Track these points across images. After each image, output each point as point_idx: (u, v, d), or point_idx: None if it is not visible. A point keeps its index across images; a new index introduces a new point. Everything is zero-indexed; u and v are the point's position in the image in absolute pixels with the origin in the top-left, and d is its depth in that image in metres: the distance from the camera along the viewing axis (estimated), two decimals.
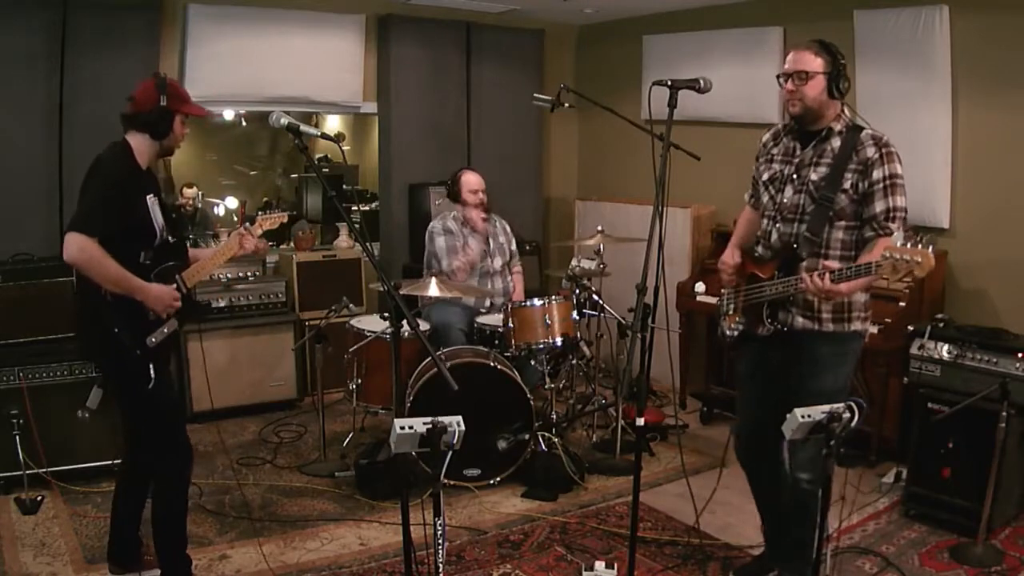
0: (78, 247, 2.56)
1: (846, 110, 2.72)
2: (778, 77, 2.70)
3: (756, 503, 3.11)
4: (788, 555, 2.91)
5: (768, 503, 3.05)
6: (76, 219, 2.61)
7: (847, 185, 2.62)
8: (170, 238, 2.90)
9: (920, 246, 2.23)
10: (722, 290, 2.97)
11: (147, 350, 2.74)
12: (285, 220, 3.37)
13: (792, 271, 2.64)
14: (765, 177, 2.86)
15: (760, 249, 2.86)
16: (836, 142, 2.66)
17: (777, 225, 2.79)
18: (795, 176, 2.74)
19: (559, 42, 6.50)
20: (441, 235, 4.62)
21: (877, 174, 2.59)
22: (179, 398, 2.97)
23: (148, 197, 2.79)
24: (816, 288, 2.48)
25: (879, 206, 2.59)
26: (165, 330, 2.80)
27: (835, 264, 2.53)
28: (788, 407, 2.29)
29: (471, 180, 4.64)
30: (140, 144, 2.77)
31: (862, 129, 2.65)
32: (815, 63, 2.62)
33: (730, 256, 2.96)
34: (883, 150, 2.60)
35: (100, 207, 2.62)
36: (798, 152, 2.76)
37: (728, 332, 2.92)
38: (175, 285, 2.82)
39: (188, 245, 3.18)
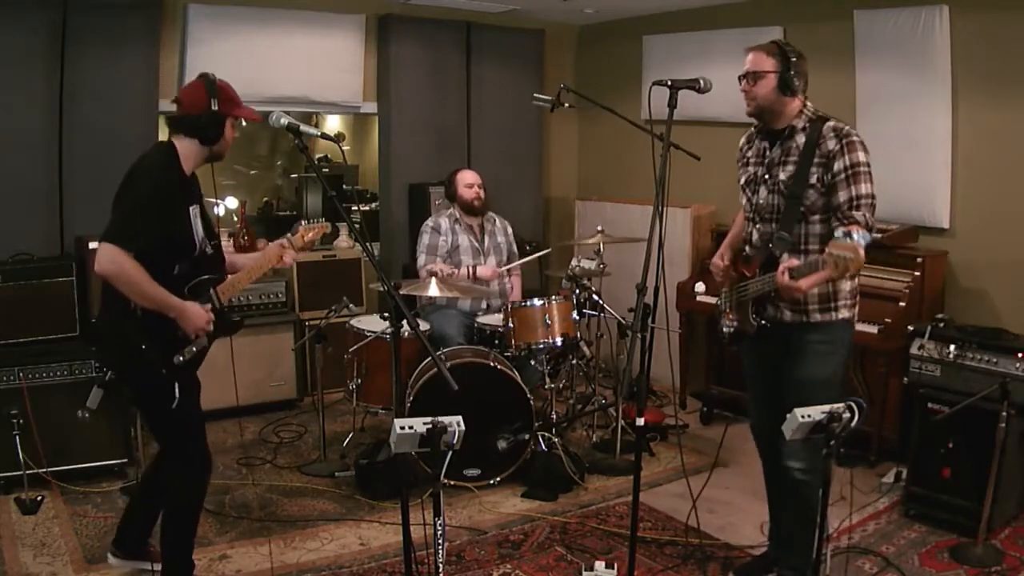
0: (111, 260, 2.40)
1: (808, 104, 2.76)
2: (739, 78, 2.75)
3: (768, 499, 3.13)
4: (788, 553, 2.92)
5: (778, 501, 3.07)
6: (111, 229, 2.44)
7: (813, 180, 2.67)
8: (209, 249, 2.74)
9: (856, 240, 2.26)
10: (721, 289, 3.03)
11: (173, 368, 2.61)
12: (328, 230, 3.14)
13: (771, 269, 2.68)
14: (742, 180, 2.94)
15: (747, 249, 2.93)
16: (801, 139, 2.71)
17: (757, 226, 2.86)
18: (767, 177, 2.80)
19: (559, 42, 6.49)
20: (428, 232, 4.64)
21: (839, 165, 2.63)
22: (201, 411, 2.86)
23: (191, 208, 2.64)
24: (781, 284, 2.54)
25: (842, 196, 2.63)
26: (194, 348, 2.66)
27: (793, 261, 2.57)
28: (780, 400, 2.32)
29: (467, 175, 4.66)
30: (187, 149, 2.62)
31: (825, 121, 2.69)
32: (767, 63, 2.68)
33: (719, 258, 3.05)
34: (844, 140, 2.63)
35: (138, 218, 2.45)
36: (768, 153, 2.82)
37: (725, 329, 2.98)
38: (209, 302, 2.68)
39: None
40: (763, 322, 2.77)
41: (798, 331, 2.76)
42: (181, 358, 2.63)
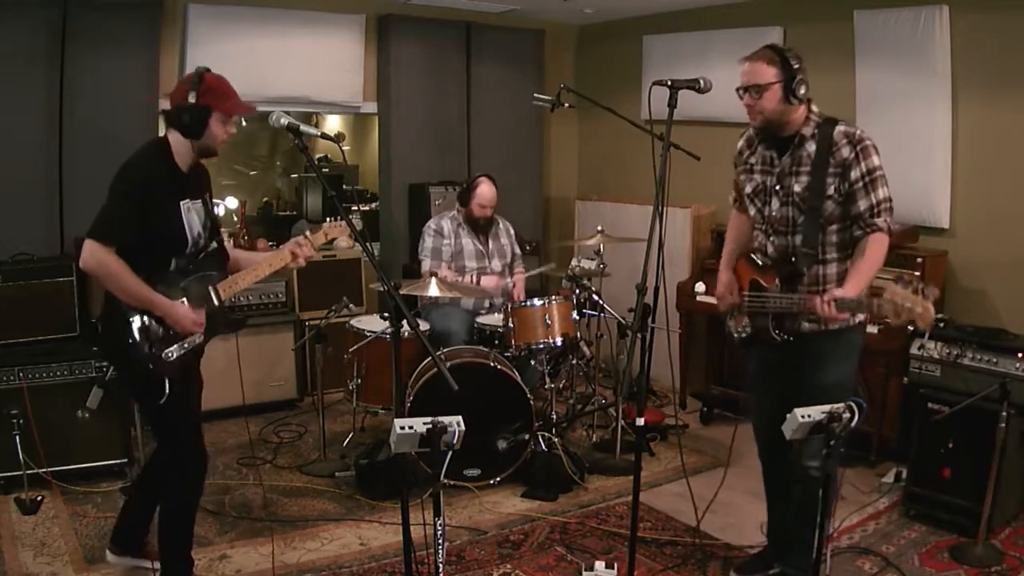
0: (92, 256, 2.44)
1: (814, 108, 2.69)
2: (737, 90, 2.66)
3: (767, 499, 3.13)
4: (791, 551, 2.92)
5: (778, 501, 3.06)
6: (94, 225, 2.48)
7: (831, 191, 2.62)
8: (213, 244, 2.75)
9: (923, 296, 2.21)
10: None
11: (162, 364, 2.58)
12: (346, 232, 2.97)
13: (793, 283, 2.66)
14: (748, 190, 2.86)
15: (760, 258, 2.87)
16: (811, 146, 2.64)
17: (771, 238, 2.80)
18: (778, 188, 2.73)
19: (559, 42, 6.49)
20: (431, 235, 4.63)
21: (855, 173, 2.59)
22: (197, 408, 2.87)
23: (183, 202, 2.63)
24: (823, 314, 2.48)
25: (863, 204, 2.60)
26: (186, 344, 2.63)
27: (838, 291, 2.50)
28: (794, 404, 2.30)
29: (485, 193, 4.59)
30: (177, 143, 2.61)
31: (834, 125, 2.63)
32: (768, 73, 2.58)
33: (728, 292, 2.96)
34: (858, 147, 2.59)
35: (118, 214, 2.48)
36: (776, 162, 2.75)
37: (736, 333, 2.94)
38: (204, 301, 2.65)
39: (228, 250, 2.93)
40: (787, 337, 2.73)
41: (815, 338, 2.74)
42: (171, 353, 2.60)
